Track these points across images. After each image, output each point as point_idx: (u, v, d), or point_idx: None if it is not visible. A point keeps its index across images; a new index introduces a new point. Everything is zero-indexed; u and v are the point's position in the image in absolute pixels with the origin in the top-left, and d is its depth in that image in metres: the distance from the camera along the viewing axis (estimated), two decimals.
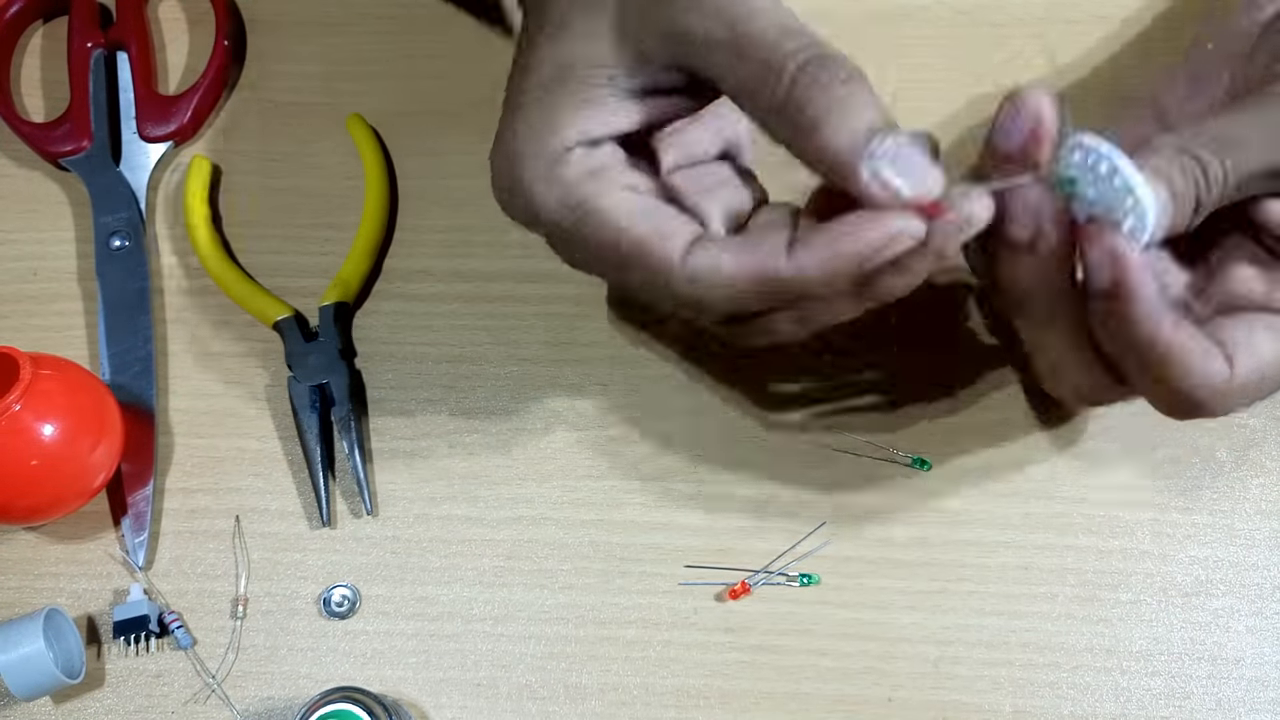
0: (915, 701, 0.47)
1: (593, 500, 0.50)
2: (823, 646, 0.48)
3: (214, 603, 0.50)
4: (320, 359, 0.52)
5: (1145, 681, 0.47)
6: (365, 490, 0.50)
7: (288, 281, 0.54)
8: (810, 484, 0.50)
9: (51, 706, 0.49)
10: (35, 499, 0.48)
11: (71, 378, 0.49)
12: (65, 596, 0.50)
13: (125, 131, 0.57)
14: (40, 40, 0.60)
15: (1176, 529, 0.49)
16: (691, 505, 0.50)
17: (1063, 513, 0.49)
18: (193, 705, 0.48)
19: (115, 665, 0.49)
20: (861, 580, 0.49)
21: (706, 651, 0.48)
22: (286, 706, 0.48)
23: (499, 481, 0.51)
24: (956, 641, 0.48)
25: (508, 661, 0.48)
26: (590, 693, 0.48)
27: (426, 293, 0.54)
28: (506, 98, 0.43)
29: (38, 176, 0.57)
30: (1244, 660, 0.47)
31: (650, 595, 0.49)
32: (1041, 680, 0.47)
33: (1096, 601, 0.48)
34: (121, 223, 0.55)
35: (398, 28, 0.59)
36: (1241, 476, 0.49)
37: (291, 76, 0.58)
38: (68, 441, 0.47)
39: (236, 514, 0.51)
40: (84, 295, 0.55)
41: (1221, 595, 0.48)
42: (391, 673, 0.49)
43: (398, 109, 0.57)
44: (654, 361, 0.52)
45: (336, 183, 0.56)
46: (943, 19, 0.57)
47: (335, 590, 0.50)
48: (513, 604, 0.49)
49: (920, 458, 0.50)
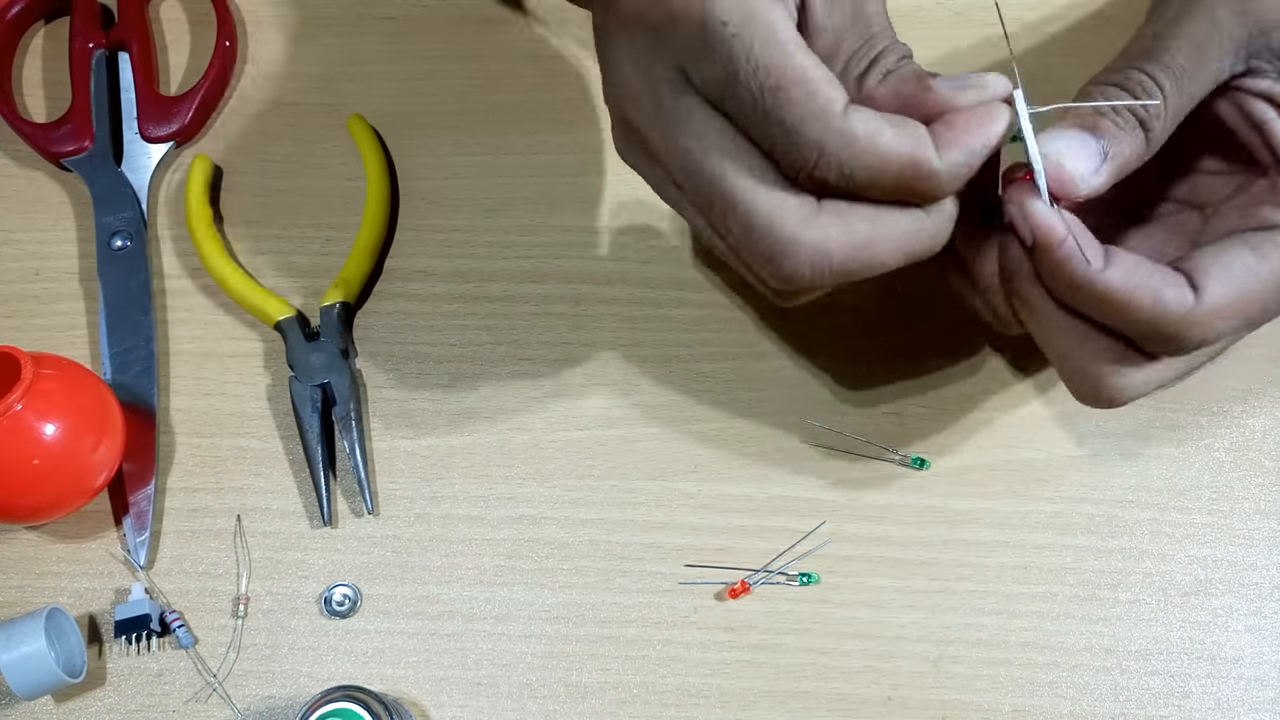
0: (914, 700, 0.47)
1: (593, 500, 0.50)
2: (822, 645, 0.48)
3: (215, 602, 0.50)
4: (321, 359, 0.52)
5: (1144, 681, 0.47)
6: (366, 490, 0.51)
7: (289, 281, 0.54)
8: (810, 484, 0.50)
9: (53, 705, 0.49)
10: (37, 498, 0.48)
11: (73, 377, 0.49)
12: (67, 595, 0.50)
13: (127, 132, 0.57)
14: (42, 41, 0.60)
15: (1176, 528, 0.49)
16: (691, 505, 0.50)
17: (1062, 512, 0.49)
18: (194, 704, 0.48)
19: (116, 664, 0.49)
20: (861, 579, 0.49)
21: (706, 650, 0.48)
22: (288, 705, 0.48)
23: (499, 481, 0.51)
24: (956, 640, 0.48)
25: (508, 660, 0.48)
26: (590, 691, 0.48)
27: (427, 293, 0.54)
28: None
29: (39, 177, 0.57)
30: (1243, 659, 0.47)
31: (650, 594, 0.49)
32: (1040, 679, 0.47)
33: (1095, 601, 0.48)
34: (123, 223, 0.55)
35: (398, 28, 0.59)
36: (1241, 476, 0.49)
37: (293, 77, 0.58)
38: (69, 441, 0.47)
39: (238, 513, 0.51)
40: (85, 295, 0.55)
41: (1220, 595, 0.48)
42: (392, 671, 0.49)
43: (398, 109, 0.57)
44: (654, 361, 0.52)
45: (338, 183, 0.56)
46: (942, 20, 0.57)
47: (336, 589, 0.50)
48: (513, 603, 0.49)
49: (920, 458, 0.50)
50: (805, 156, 0.37)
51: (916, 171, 0.37)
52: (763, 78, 0.37)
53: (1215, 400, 0.50)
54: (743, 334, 0.52)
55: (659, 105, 0.40)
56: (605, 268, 0.54)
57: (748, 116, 0.38)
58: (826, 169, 0.37)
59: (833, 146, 0.37)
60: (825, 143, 0.37)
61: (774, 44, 0.37)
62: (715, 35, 0.37)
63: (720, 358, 0.52)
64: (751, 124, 0.38)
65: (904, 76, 0.39)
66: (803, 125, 0.37)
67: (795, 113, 0.37)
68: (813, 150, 0.37)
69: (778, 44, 0.37)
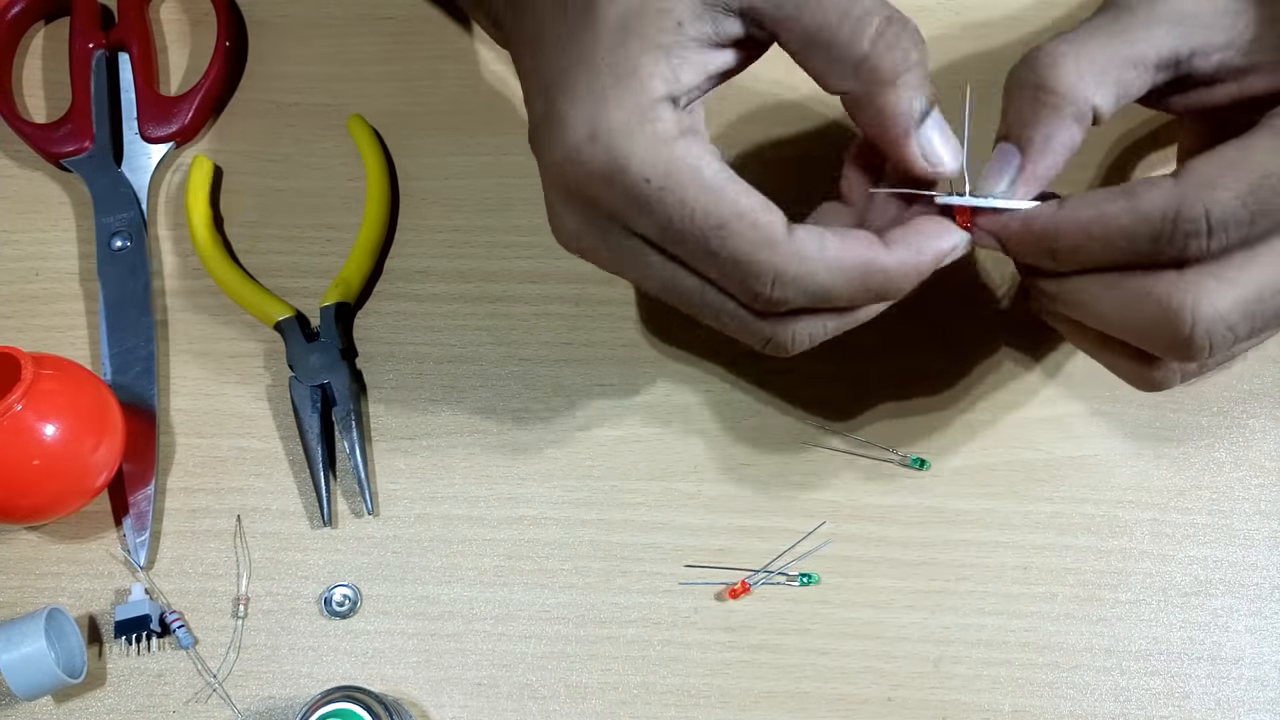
0: (915, 701, 0.47)
1: (593, 500, 0.50)
2: (822, 646, 0.48)
3: (215, 602, 0.50)
4: (321, 359, 0.52)
5: (1144, 681, 0.47)
6: (366, 490, 0.51)
7: (289, 282, 0.54)
8: (810, 484, 0.50)
9: (53, 706, 0.49)
10: (37, 498, 0.48)
11: (73, 378, 0.49)
12: (67, 596, 0.50)
13: (127, 132, 0.57)
14: (42, 41, 0.60)
15: (1176, 529, 0.49)
16: (691, 505, 0.50)
17: (1063, 513, 0.49)
18: (194, 705, 0.48)
19: (116, 665, 0.49)
20: (861, 580, 0.49)
21: (706, 651, 0.48)
22: (287, 706, 0.48)
23: (499, 481, 0.51)
24: (956, 641, 0.48)
25: (508, 661, 0.48)
26: (590, 692, 0.48)
27: (427, 293, 0.54)
28: (555, 53, 0.40)
29: (39, 177, 0.57)
30: (1243, 660, 0.47)
31: (650, 595, 0.49)
32: (1041, 680, 0.47)
33: (1096, 601, 0.48)
34: (123, 223, 0.55)
35: (398, 28, 0.59)
36: (1241, 476, 0.49)
37: (293, 77, 0.58)
38: (69, 441, 0.47)
39: (238, 513, 0.51)
40: (85, 295, 0.55)
41: (1221, 595, 0.48)
42: (392, 672, 0.49)
43: (398, 109, 0.57)
44: (654, 362, 0.52)
45: (337, 183, 0.56)
46: (942, 20, 0.57)
47: (336, 590, 0.50)
48: (513, 603, 0.49)
49: (920, 458, 0.50)
50: (761, 282, 0.38)
51: (869, 272, 0.39)
52: (701, 220, 0.38)
53: (1215, 400, 0.50)
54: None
55: (605, 248, 0.41)
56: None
57: (694, 256, 0.39)
58: (783, 289, 0.38)
59: (786, 266, 0.38)
60: (777, 264, 0.38)
61: (703, 188, 0.38)
62: (642, 193, 0.38)
63: (720, 358, 0.52)
64: (699, 262, 0.39)
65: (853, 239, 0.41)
66: (754, 254, 0.38)
67: (743, 245, 0.38)
68: (768, 274, 0.38)
69: (706, 187, 0.38)
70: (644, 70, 0.38)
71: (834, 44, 0.39)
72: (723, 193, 0.38)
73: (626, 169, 0.38)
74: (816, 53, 0.39)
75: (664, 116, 0.38)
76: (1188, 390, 0.50)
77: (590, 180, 0.39)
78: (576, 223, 0.41)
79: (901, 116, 0.39)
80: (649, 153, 0.38)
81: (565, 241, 0.43)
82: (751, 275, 0.38)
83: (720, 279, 0.39)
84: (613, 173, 0.38)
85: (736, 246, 0.38)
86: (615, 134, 0.38)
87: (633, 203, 0.38)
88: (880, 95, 0.39)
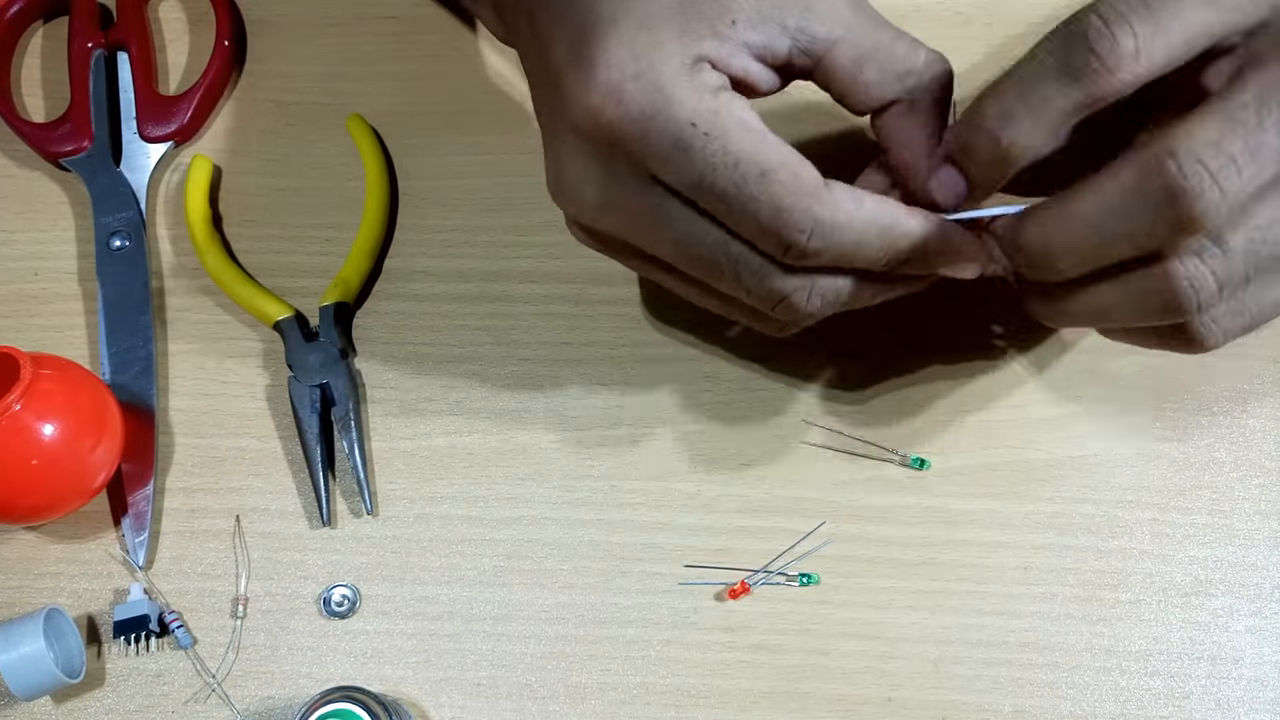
0: (915, 701, 0.47)
1: (593, 500, 0.50)
2: (822, 646, 0.48)
3: (214, 602, 0.50)
4: (320, 359, 0.52)
5: (1144, 681, 0.47)
6: (365, 490, 0.51)
7: (288, 281, 0.54)
8: (810, 484, 0.50)
9: (52, 706, 0.49)
10: (36, 498, 0.48)
11: (72, 377, 0.49)
12: (65, 596, 0.50)
13: (126, 131, 0.57)
14: (41, 40, 0.60)
15: (1176, 529, 0.49)
16: (691, 505, 0.50)
17: (1063, 512, 0.49)
18: (193, 705, 0.48)
19: (115, 665, 0.49)
20: (861, 580, 0.49)
21: (706, 651, 0.48)
22: (287, 706, 0.48)
23: (498, 481, 0.51)
24: (956, 641, 0.48)
25: (508, 661, 0.48)
26: (590, 692, 0.48)
27: (427, 293, 0.54)
28: (592, 5, 0.40)
29: (38, 177, 0.57)
30: (1243, 660, 0.47)
31: (650, 595, 0.49)
32: (1041, 680, 0.47)
33: (1096, 601, 0.48)
34: (122, 223, 0.55)
35: (398, 28, 0.59)
36: (1241, 476, 0.49)
37: (292, 77, 0.58)
38: (68, 441, 0.47)
39: (237, 514, 0.51)
40: (84, 295, 0.55)
41: (1221, 595, 0.48)
42: (391, 672, 0.49)
43: (398, 109, 0.57)
44: (654, 361, 0.52)
45: (337, 183, 0.56)
46: (942, 20, 0.57)
47: (335, 590, 0.50)
48: (513, 604, 0.49)
49: (920, 458, 0.50)
50: (801, 230, 0.39)
51: (899, 234, 0.40)
52: (745, 168, 0.38)
53: (1215, 400, 0.50)
54: (742, 334, 0.52)
55: (623, 202, 0.41)
56: (605, 268, 0.53)
57: (728, 206, 0.39)
58: (821, 238, 0.39)
59: (825, 215, 0.39)
60: (817, 213, 0.39)
61: (749, 134, 0.39)
62: (685, 136, 0.38)
63: (720, 358, 0.52)
64: (733, 210, 0.39)
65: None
66: (796, 203, 0.39)
67: (785, 193, 0.39)
68: (807, 223, 0.39)
69: (752, 133, 0.39)
70: (694, 33, 0.39)
71: (891, 57, 0.41)
72: (768, 141, 0.39)
73: (671, 110, 0.38)
74: (869, 65, 0.41)
75: (710, 72, 0.39)
76: (1188, 390, 0.50)
77: (626, 120, 0.39)
78: (596, 173, 0.41)
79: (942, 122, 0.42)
80: (695, 98, 0.38)
81: (573, 200, 0.42)
82: (791, 224, 0.39)
83: (753, 229, 0.39)
84: (657, 113, 0.38)
85: (779, 194, 0.38)
86: (663, 75, 0.38)
87: (673, 145, 0.39)
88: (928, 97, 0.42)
